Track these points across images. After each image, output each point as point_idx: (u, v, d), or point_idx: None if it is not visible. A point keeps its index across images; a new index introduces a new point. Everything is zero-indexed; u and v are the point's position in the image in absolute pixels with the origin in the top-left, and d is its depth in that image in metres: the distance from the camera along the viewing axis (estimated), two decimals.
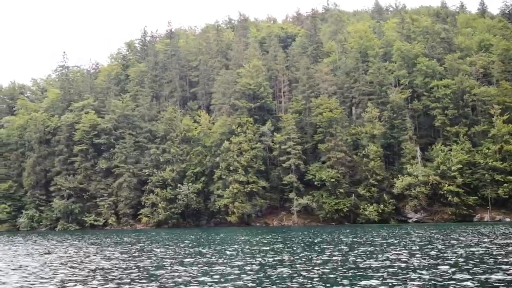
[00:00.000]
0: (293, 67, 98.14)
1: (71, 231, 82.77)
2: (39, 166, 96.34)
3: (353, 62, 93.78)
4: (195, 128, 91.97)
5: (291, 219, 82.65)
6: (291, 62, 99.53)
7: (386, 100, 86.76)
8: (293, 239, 38.57)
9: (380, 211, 77.47)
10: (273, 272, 17.39)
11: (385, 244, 29.93)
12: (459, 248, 25.09)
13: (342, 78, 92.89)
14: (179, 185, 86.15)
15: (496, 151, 76.70)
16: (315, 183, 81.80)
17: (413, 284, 13.78)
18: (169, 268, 19.43)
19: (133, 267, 19.97)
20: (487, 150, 76.97)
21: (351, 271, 17.03)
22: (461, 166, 75.61)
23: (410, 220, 77.79)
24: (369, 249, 26.39)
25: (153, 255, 26.20)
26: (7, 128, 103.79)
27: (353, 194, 79.75)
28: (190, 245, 33.56)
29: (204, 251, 28.03)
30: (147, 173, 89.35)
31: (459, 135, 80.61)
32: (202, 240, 40.88)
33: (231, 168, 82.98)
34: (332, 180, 79.26)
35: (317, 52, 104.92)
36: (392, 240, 33.71)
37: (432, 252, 23.50)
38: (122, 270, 19.24)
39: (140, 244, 36.28)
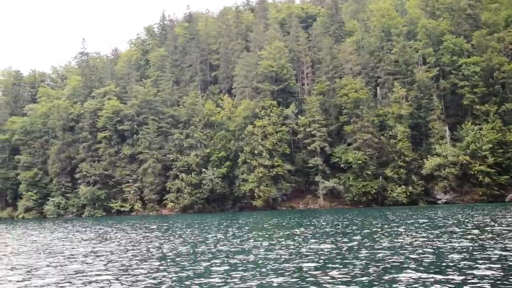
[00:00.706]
0: (316, 48, 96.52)
1: (98, 218, 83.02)
2: (64, 153, 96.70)
3: (377, 41, 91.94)
4: (218, 112, 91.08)
5: (317, 203, 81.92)
6: (313, 43, 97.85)
7: (412, 80, 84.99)
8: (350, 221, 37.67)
9: (409, 193, 76.29)
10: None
11: (455, 224, 29.11)
12: None
13: (366, 58, 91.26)
14: (203, 170, 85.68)
15: None
16: (341, 165, 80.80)
17: None
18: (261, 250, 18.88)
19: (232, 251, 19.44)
20: None
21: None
22: (492, 145, 73.84)
23: (439, 202, 76.48)
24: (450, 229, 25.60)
25: (225, 239, 25.72)
26: (30, 116, 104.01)
27: (380, 176, 78.60)
28: (247, 229, 33.05)
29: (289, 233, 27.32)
30: (171, 158, 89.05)
31: (489, 113, 78.53)
32: (254, 223, 40.33)
33: (256, 152, 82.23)
34: (359, 162, 78.16)
35: (339, 32, 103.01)
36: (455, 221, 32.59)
37: None
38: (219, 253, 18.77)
39: (192, 229, 35.80)
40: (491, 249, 17.03)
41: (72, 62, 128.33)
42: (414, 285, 11.38)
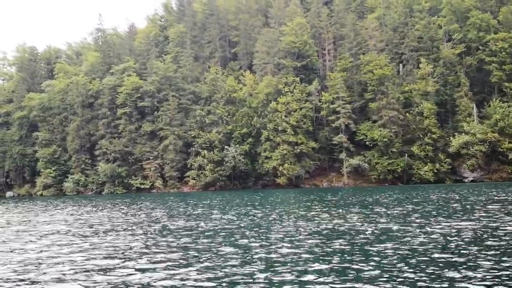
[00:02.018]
0: (338, 24, 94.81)
1: (118, 195, 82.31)
2: (83, 130, 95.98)
3: (400, 17, 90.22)
4: (240, 88, 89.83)
5: (341, 180, 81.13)
6: (335, 19, 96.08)
7: (437, 56, 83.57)
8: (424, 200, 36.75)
9: (436, 170, 75.42)
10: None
11: None
12: None
13: (389, 34, 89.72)
14: (226, 147, 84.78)
15: None
16: (366, 143, 79.79)
17: None
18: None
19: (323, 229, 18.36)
20: None
21: None
22: None
23: (466, 180, 75.64)
24: None
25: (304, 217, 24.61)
26: (48, 93, 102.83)
27: (406, 154, 77.61)
28: (313, 206, 31.99)
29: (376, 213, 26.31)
30: (192, 135, 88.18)
31: None
32: (313, 201, 39.30)
33: (279, 128, 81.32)
34: (385, 139, 77.20)
35: (361, 8, 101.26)
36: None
37: None
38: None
39: (249, 206, 34.74)
40: None
41: (88, 38, 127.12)
42: None
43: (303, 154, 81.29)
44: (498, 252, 11.81)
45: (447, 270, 10.07)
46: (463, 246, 12.81)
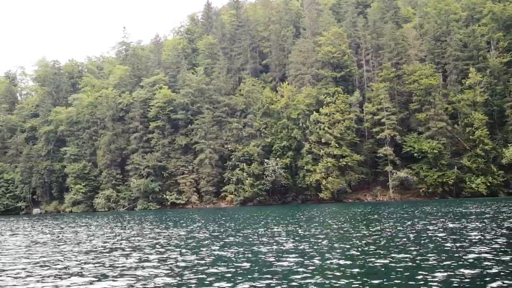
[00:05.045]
0: (375, 34, 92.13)
1: (152, 211, 79.34)
2: (114, 144, 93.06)
3: (442, 26, 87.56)
4: (278, 100, 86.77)
5: (387, 194, 78.13)
6: (372, 29, 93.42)
7: (484, 65, 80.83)
8: None
9: (489, 183, 72.33)
10: None
11: None
12: None
13: (430, 44, 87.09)
14: (265, 160, 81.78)
15: None
16: (415, 155, 76.58)
17: None
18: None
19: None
20: None
21: None
22: None
23: None
24: None
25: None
26: (76, 106, 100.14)
27: (455, 166, 74.63)
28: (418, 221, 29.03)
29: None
30: (229, 148, 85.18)
31: None
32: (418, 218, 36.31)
33: (323, 140, 78.40)
34: (435, 151, 74.11)
35: (395, 18, 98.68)
36: None
37: None
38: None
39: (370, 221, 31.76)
40: None
41: (111, 52, 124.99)
42: None
43: (347, 167, 78.33)
44: None
45: None
46: None
